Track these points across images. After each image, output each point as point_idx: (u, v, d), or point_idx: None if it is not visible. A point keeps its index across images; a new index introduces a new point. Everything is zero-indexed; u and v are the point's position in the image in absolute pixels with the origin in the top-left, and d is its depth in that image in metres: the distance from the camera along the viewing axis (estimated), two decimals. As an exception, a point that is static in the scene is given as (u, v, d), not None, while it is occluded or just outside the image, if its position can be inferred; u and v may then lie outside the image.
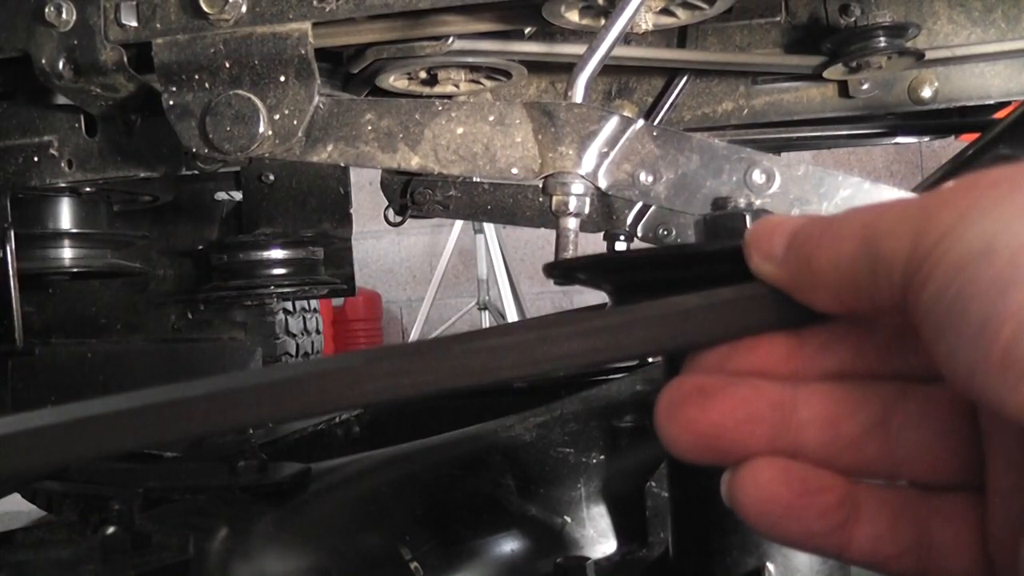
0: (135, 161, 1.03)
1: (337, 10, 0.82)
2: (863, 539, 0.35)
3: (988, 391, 0.28)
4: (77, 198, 1.29)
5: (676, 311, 0.35)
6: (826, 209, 0.79)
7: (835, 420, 0.35)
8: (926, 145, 4.64)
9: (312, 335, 2.39)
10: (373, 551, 0.86)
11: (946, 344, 0.29)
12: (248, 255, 1.47)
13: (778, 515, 0.35)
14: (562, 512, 0.94)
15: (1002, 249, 0.27)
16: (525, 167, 0.82)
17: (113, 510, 0.79)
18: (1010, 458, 0.33)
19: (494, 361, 0.33)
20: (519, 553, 0.91)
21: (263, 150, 0.86)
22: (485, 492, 0.94)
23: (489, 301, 4.49)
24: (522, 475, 0.95)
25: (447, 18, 0.92)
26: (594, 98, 1.23)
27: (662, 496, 0.87)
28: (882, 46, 1.03)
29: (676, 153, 0.80)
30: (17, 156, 1.05)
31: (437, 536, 0.89)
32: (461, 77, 1.08)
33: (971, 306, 0.28)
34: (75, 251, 1.30)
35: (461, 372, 0.33)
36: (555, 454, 0.95)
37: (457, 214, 1.51)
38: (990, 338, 0.27)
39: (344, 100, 0.87)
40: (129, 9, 0.86)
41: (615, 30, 0.78)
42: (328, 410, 0.33)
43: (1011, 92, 1.14)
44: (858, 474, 0.36)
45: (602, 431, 0.96)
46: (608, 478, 0.95)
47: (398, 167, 0.85)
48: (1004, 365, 0.27)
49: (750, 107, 1.20)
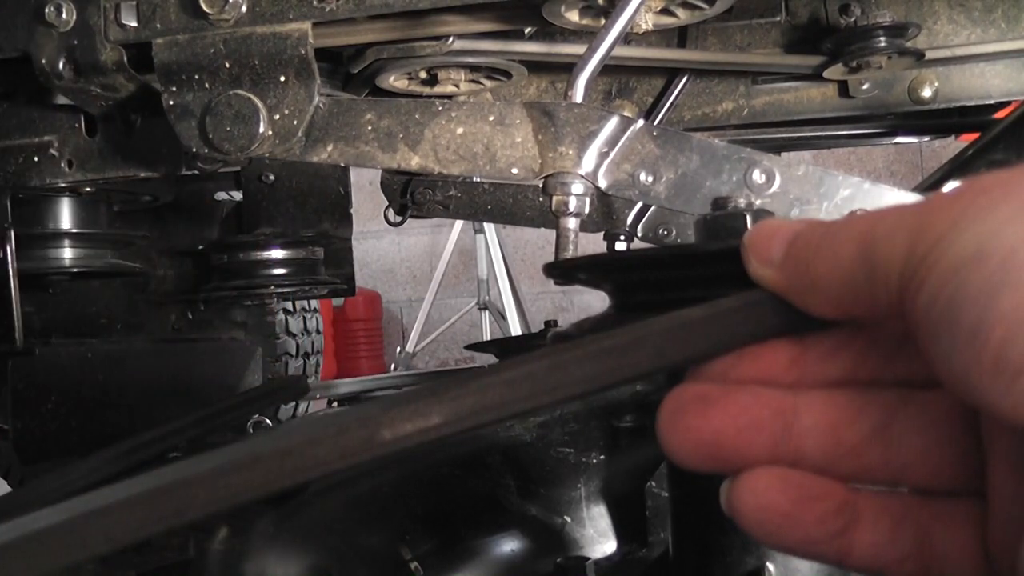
0: (135, 161, 1.03)
1: (337, 10, 0.82)
2: (864, 546, 0.35)
3: (982, 393, 0.28)
4: (77, 198, 1.29)
5: (681, 325, 0.35)
6: (826, 209, 0.78)
7: (836, 427, 0.35)
8: (926, 145, 4.64)
9: (312, 335, 2.39)
10: (373, 551, 0.86)
11: (941, 348, 0.29)
12: (248, 255, 1.47)
13: (777, 522, 0.35)
14: (562, 512, 0.94)
15: (993, 253, 0.27)
16: (525, 167, 0.82)
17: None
18: (1011, 463, 0.33)
19: (511, 394, 0.33)
20: (519, 553, 0.91)
21: (263, 150, 0.86)
22: (485, 492, 0.94)
23: (489, 301, 4.49)
24: (522, 475, 0.95)
25: (447, 18, 0.92)
26: (594, 98, 1.23)
27: (662, 496, 0.87)
28: (882, 46, 1.03)
29: (676, 153, 0.80)
30: (17, 156, 1.04)
31: (437, 536, 0.89)
32: (461, 77, 1.08)
33: (963, 310, 0.28)
34: (75, 251, 1.30)
35: (479, 409, 0.33)
36: (555, 454, 0.95)
37: (457, 214, 1.51)
38: (982, 341, 0.27)
39: (344, 100, 0.86)
40: (129, 9, 0.85)
41: (615, 30, 0.78)
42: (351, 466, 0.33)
43: (1011, 92, 1.14)
44: (859, 480, 0.36)
45: (602, 431, 0.96)
46: (608, 478, 0.95)
47: (398, 167, 0.85)
48: (996, 367, 0.27)
49: (750, 107, 1.20)
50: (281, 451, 0.32)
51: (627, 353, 0.34)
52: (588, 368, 0.34)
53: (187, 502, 0.31)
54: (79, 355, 1.33)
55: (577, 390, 0.34)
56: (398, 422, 0.33)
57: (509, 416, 0.34)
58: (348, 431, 0.32)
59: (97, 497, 0.32)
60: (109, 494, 0.32)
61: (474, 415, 0.33)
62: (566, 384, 0.34)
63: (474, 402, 0.33)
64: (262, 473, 0.32)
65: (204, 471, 0.32)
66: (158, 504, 0.31)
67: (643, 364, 0.34)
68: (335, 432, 0.32)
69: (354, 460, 0.32)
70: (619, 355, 0.34)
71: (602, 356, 0.34)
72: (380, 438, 0.32)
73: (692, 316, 0.35)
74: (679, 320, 0.35)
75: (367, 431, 0.32)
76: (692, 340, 0.35)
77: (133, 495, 0.31)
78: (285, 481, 0.32)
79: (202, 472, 0.32)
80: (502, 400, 0.33)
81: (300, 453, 0.32)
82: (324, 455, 0.32)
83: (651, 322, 0.35)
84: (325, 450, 0.32)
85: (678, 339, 0.35)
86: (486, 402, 0.33)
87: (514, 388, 0.33)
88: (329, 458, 0.32)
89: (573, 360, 0.34)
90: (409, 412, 0.33)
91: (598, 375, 0.34)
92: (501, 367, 0.34)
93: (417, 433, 0.33)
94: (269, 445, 0.33)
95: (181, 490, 0.32)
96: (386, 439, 0.32)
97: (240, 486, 0.32)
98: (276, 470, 0.32)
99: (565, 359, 0.34)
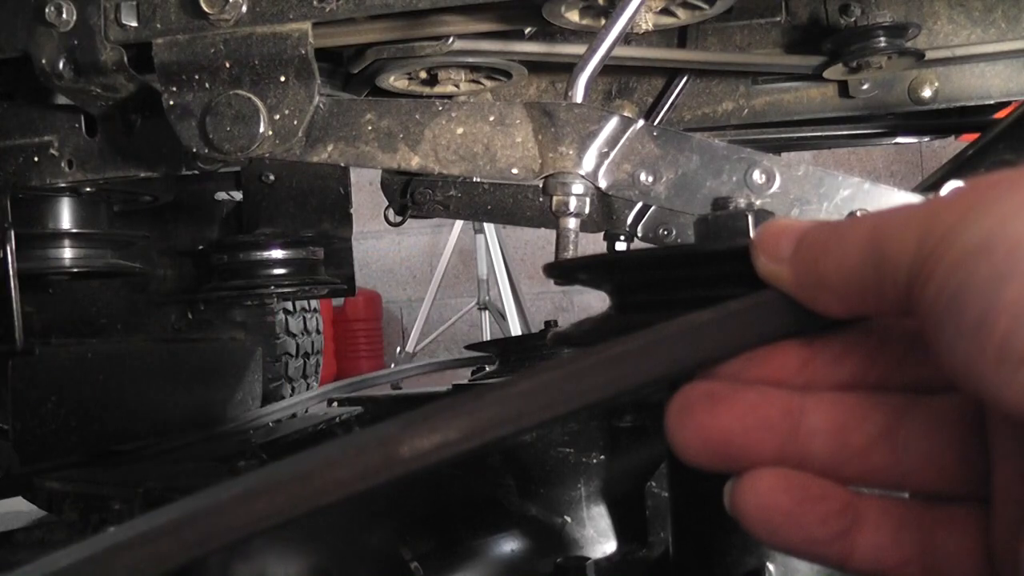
0: (135, 161, 1.03)
1: (337, 10, 0.82)
2: (866, 548, 0.35)
3: (986, 383, 0.28)
4: (77, 198, 1.29)
5: (692, 329, 0.35)
6: (826, 209, 0.79)
7: (843, 429, 0.36)
8: (926, 145, 4.64)
9: (312, 335, 2.39)
10: (373, 551, 0.86)
11: (946, 340, 0.29)
12: (248, 255, 1.46)
13: (779, 522, 0.35)
14: (562, 512, 0.94)
15: (999, 245, 0.28)
16: (525, 167, 0.82)
17: (113, 510, 0.79)
18: (1016, 465, 0.33)
19: (528, 405, 0.33)
20: (519, 553, 0.91)
21: (263, 150, 0.86)
22: (485, 492, 0.94)
23: (489, 301, 4.49)
24: (522, 475, 0.95)
25: (447, 18, 0.92)
26: (594, 98, 1.23)
27: (662, 496, 0.87)
28: (882, 46, 1.03)
29: (676, 153, 0.80)
30: (17, 156, 1.04)
31: (437, 536, 0.89)
32: (461, 77, 1.08)
33: (969, 300, 0.28)
34: (75, 251, 1.30)
35: (497, 423, 0.33)
36: (555, 454, 0.95)
37: (457, 214, 1.51)
38: (987, 331, 0.28)
39: (344, 100, 0.86)
40: (129, 9, 0.85)
41: (615, 30, 0.78)
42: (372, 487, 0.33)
43: (1011, 92, 1.14)
44: (864, 483, 0.36)
45: (602, 431, 0.96)
46: (608, 478, 0.95)
47: (398, 167, 0.85)
48: (1000, 357, 0.27)
49: (750, 107, 1.20)
50: (301, 475, 0.32)
51: (641, 359, 0.34)
52: (603, 376, 0.34)
53: (210, 532, 0.31)
54: (79, 355, 1.32)
55: (593, 398, 0.34)
56: (416, 439, 0.32)
57: (527, 428, 0.34)
58: (366, 451, 0.32)
59: (121, 531, 0.32)
60: (132, 527, 0.32)
61: (492, 428, 0.33)
62: (582, 393, 0.34)
63: (491, 415, 0.33)
64: (284, 499, 0.32)
65: (225, 500, 0.32)
66: (181, 535, 0.31)
67: (657, 370, 0.34)
68: (354, 453, 0.32)
69: (375, 480, 0.32)
70: (633, 362, 0.34)
71: (616, 364, 0.34)
72: (399, 456, 0.32)
73: (702, 319, 0.35)
74: (690, 324, 0.35)
75: (386, 450, 0.32)
76: (704, 343, 0.35)
77: (155, 527, 0.31)
78: (307, 505, 0.32)
79: (223, 501, 0.32)
80: (519, 412, 0.33)
81: (320, 476, 0.32)
82: (344, 477, 0.32)
83: (662, 327, 0.35)
84: (345, 471, 0.32)
85: (690, 343, 0.35)
86: (504, 415, 0.33)
87: (530, 400, 0.33)
88: (349, 479, 0.32)
89: (587, 369, 0.34)
90: (427, 429, 0.33)
91: (613, 382, 0.34)
92: (516, 379, 0.34)
93: (435, 449, 0.33)
94: (288, 470, 0.32)
95: (203, 520, 0.32)
96: (405, 456, 0.32)
97: (262, 513, 0.32)
98: (297, 495, 0.32)
99: (579, 368, 0.34)
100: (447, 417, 0.33)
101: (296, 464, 0.33)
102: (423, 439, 0.33)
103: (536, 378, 0.34)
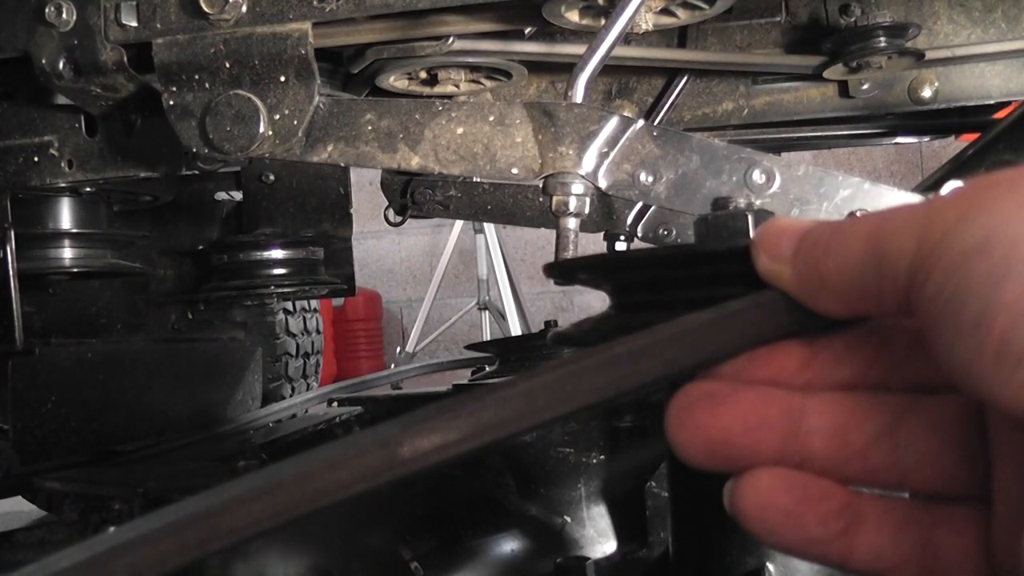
0: (135, 161, 1.03)
1: (337, 10, 0.82)
2: (866, 548, 0.35)
3: (984, 383, 0.28)
4: (77, 198, 1.29)
5: (693, 329, 0.35)
6: (826, 209, 0.78)
7: (843, 429, 0.36)
8: (926, 145, 4.64)
9: (312, 335, 2.39)
10: (373, 551, 0.86)
11: (945, 339, 0.29)
12: (248, 255, 1.46)
13: (779, 522, 0.35)
14: (562, 512, 0.94)
15: (997, 244, 0.28)
16: (525, 167, 0.82)
17: (113, 510, 0.79)
18: (1017, 465, 0.33)
19: (528, 406, 0.33)
20: (519, 553, 0.91)
21: (263, 150, 0.86)
22: (485, 492, 0.94)
23: (489, 301, 4.49)
24: (522, 475, 0.95)
25: (447, 18, 0.92)
26: (594, 98, 1.23)
27: (662, 496, 0.87)
28: (882, 46, 1.03)
29: (676, 153, 0.80)
30: (17, 156, 1.04)
31: (437, 536, 0.89)
32: (461, 77, 1.08)
33: (968, 299, 0.28)
34: (75, 251, 1.30)
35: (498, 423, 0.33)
36: (555, 454, 0.95)
37: (457, 214, 1.51)
38: (985, 330, 0.28)
39: (344, 100, 0.86)
40: (129, 9, 0.85)
41: (615, 30, 0.78)
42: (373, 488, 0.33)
43: (1011, 92, 1.14)
44: (865, 483, 0.36)
45: (602, 431, 0.96)
46: (608, 478, 0.95)
47: (398, 167, 0.85)
48: (998, 355, 0.27)
49: (750, 107, 1.20)
50: (302, 477, 0.32)
51: (641, 360, 0.34)
52: (603, 376, 0.34)
53: (211, 533, 0.31)
54: (79, 355, 1.32)
55: (593, 399, 0.34)
56: (417, 440, 0.32)
57: (528, 429, 0.34)
58: (367, 452, 0.32)
59: (121, 531, 0.32)
60: (132, 529, 0.32)
61: (493, 429, 0.33)
62: (582, 393, 0.34)
63: (492, 416, 0.33)
64: (284, 500, 0.32)
65: (225, 501, 0.32)
66: (181, 537, 0.31)
67: (658, 370, 0.34)
68: (355, 454, 0.32)
69: (376, 481, 0.32)
70: (634, 362, 0.34)
71: (616, 364, 0.34)
72: (400, 457, 0.32)
73: (702, 319, 0.35)
74: (690, 324, 0.35)
75: (386, 451, 0.32)
76: (705, 343, 0.35)
77: (155, 528, 0.31)
78: (308, 507, 0.32)
79: (224, 502, 0.32)
80: (520, 413, 0.33)
81: (321, 477, 0.32)
82: (345, 478, 0.32)
83: (662, 327, 0.35)
84: (346, 473, 0.32)
85: (690, 343, 0.35)
86: (504, 416, 0.33)
87: (530, 400, 0.33)
88: (350, 481, 0.32)
89: (587, 369, 0.34)
90: (427, 429, 0.33)
91: (613, 383, 0.34)
92: (516, 380, 0.34)
93: (436, 450, 0.32)
94: (289, 471, 0.32)
95: (204, 521, 0.31)
96: (406, 457, 0.32)
97: (263, 514, 0.32)
98: (298, 496, 0.32)
99: (579, 368, 0.34)
100: (447, 418, 0.33)
101: (297, 465, 0.33)
102: (424, 440, 0.33)
103: (536, 379, 0.34)
